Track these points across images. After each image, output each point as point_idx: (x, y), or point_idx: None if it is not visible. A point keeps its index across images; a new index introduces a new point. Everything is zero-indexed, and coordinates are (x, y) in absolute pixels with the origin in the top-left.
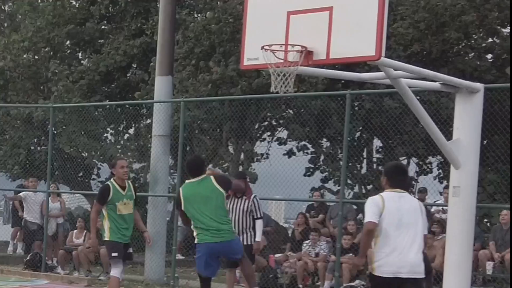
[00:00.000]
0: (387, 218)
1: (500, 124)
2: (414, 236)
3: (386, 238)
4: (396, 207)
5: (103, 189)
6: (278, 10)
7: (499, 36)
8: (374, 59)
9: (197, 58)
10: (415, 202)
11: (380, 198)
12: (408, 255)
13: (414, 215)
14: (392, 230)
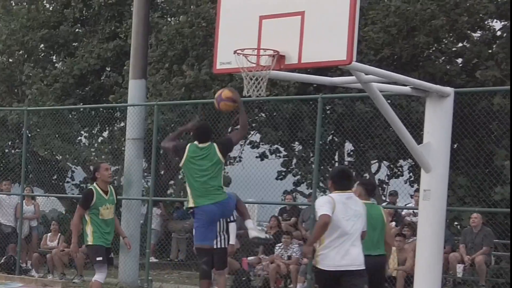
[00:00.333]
0: (334, 217)
1: (470, 128)
2: (357, 234)
3: (331, 237)
4: (344, 207)
5: (87, 193)
6: (251, 14)
7: (469, 41)
8: (345, 64)
9: (170, 62)
10: (360, 203)
11: (330, 198)
12: (349, 251)
13: (359, 214)
14: (338, 230)
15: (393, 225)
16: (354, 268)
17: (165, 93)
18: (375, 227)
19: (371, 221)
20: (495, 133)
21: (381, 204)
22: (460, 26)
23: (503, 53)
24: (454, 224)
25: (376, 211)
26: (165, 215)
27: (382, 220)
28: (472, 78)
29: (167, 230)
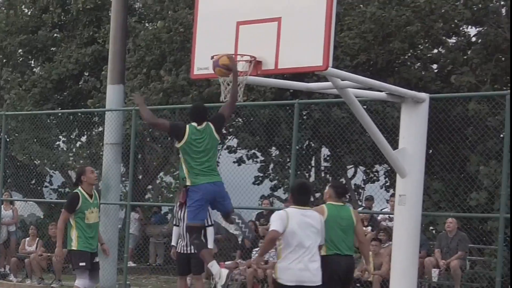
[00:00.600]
0: (290, 231)
1: (445, 134)
2: (313, 248)
3: (289, 249)
4: (299, 222)
5: (72, 197)
6: (228, 20)
7: (444, 47)
8: (321, 69)
9: (148, 67)
10: (317, 218)
11: (285, 213)
12: (308, 266)
13: (315, 229)
14: (294, 243)
15: (369, 230)
16: (312, 284)
17: None
18: (344, 228)
19: (341, 222)
20: (470, 139)
21: (357, 208)
22: (435, 32)
23: (477, 58)
24: (429, 228)
25: (346, 212)
26: (143, 220)
27: (351, 221)
28: (447, 84)
29: (145, 234)
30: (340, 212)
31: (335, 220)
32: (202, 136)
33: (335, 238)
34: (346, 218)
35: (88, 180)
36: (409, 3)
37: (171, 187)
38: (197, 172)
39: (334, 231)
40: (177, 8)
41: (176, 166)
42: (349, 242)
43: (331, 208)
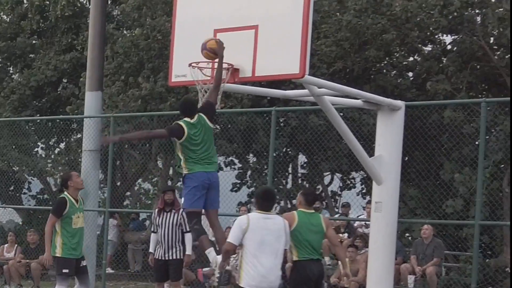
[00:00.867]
0: (251, 237)
1: (421, 141)
2: (275, 253)
3: (251, 253)
4: (261, 227)
5: (60, 201)
6: (205, 27)
7: (420, 54)
8: (298, 77)
9: (126, 74)
10: (280, 222)
11: (246, 218)
12: (269, 271)
13: (278, 234)
14: (256, 247)
15: (346, 237)
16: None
17: (121, 105)
18: (315, 234)
19: (312, 229)
20: (445, 146)
21: (334, 215)
22: (410, 40)
23: (453, 66)
24: (405, 235)
25: (316, 219)
26: (121, 226)
27: (321, 227)
28: (423, 92)
29: (123, 241)
30: (310, 219)
31: (306, 226)
32: (197, 129)
33: (307, 244)
34: (316, 225)
35: (75, 185)
36: (385, 12)
37: (149, 194)
38: (195, 162)
39: (305, 237)
40: (155, 15)
41: (154, 173)
42: (319, 248)
43: (301, 215)
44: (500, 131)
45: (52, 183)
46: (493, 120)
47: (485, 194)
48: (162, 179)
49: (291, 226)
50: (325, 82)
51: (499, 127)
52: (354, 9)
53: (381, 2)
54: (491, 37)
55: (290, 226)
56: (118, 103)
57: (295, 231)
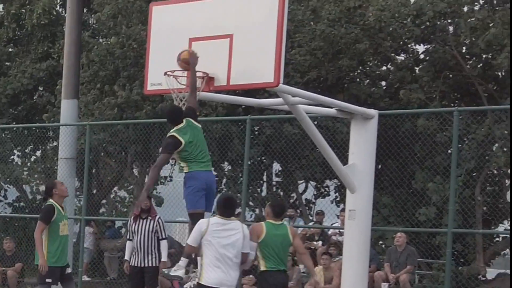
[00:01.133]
0: (210, 240)
1: (394, 149)
2: (233, 256)
3: (210, 256)
4: (220, 231)
5: (48, 208)
6: (180, 36)
7: (393, 63)
8: (272, 86)
9: (102, 82)
10: (239, 227)
11: (206, 222)
12: (228, 272)
13: (235, 238)
14: (215, 250)
15: (320, 244)
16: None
17: (97, 113)
18: (281, 245)
19: (279, 240)
20: (418, 155)
21: (308, 223)
22: (383, 50)
23: (427, 76)
24: (379, 243)
25: (283, 230)
26: (97, 234)
27: (288, 238)
28: (396, 101)
29: (99, 249)
30: (277, 230)
31: (274, 238)
32: (188, 133)
33: (274, 255)
34: (284, 236)
35: (60, 193)
36: (358, 21)
37: (125, 202)
38: (192, 161)
39: (272, 248)
40: (131, 24)
41: (129, 181)
42: (285, 259)
43: (269, 226)
44: (473, 140)
45: (28, 191)
46: (466, 129)
47: (458, 202)
48: (138, 187)
49: (259, 237)
50: (299, 91)
51: (472, 135)
52: (327, 19)
53: (355, 12)
54: (463, 47)
55: (259, 237)
56: (94, 111)
57: (263, 242)
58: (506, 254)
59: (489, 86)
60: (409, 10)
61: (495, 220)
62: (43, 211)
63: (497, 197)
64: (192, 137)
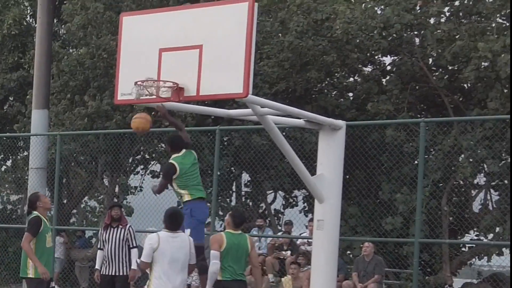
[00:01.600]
0: (160, 253)
1: (361, 160)
2: (181, 268)
3: (160, 269)
4: (169, 245)
5: (36, 220)
6: (151, 47)
7: (360, 75)
8: (241, 97)
9: (72, 92)
10: (186, 240)
11: (156, 237)
12: (175, 283)
13: (185, 251)
14: (165, 263)
15: (289, 254)
16: None
17: (67, 123)
18: (240, 255)
19: (238, 250)
20: (385, 165)
21: (277, 233)
22: (351, 62)
23: (396, 89)
24: (346, 253)
25: (243, 240)
26: (68, 244)
27: (247, 248)
28: (363, 112)
29: (70, 258)
30: (237, 240)
31: (233, 248)
32: (186, 163)
33: (232, 264)
34: (243, 246)
35: (44, 205)
36: (326, 34)
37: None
38: (193, 186)
39: (231, 258)
40: (100, 34)
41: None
42: (243, 269)
43: (229, 236)
44: (439, 151)
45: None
46: (432, 140)
47: (425, 213)
48: (108, 196)
49: (221, 247)
50: (268, 102)
51: (438, 146)
52: (295, 31)
53: (322, 25)
54: (430, 59)
55: (221, 247)
56: (65, 121)
57: (223, 252)
58: (472, 264)
59: (455, 97)
60: (376, 23)
61: (461, 230)
62: (31, 223)
63: (463, 207)
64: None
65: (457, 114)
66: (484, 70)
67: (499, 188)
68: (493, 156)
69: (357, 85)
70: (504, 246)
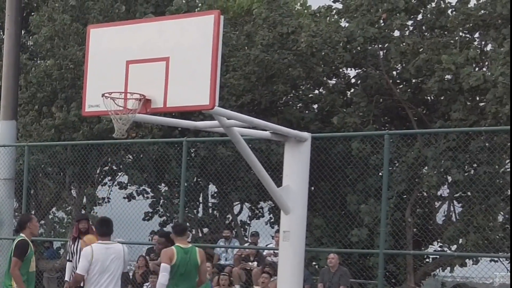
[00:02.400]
0: (95, 265)
1: (326, 171)
2: (116, 278)
3: (95, 280)
4: (103, 255)
5: (24, 244)
6: (118, 59)
7: (325, 88)
8: (208, 108)
9: (40, 103)
10: (120, 249)
11: (90, 250)
12: None
13: (117, 261)
14: (99, 274)
15: (255, 265)
16: None
17: (35, 134)
18: (190, 270)
19: (188, 263)
20: (350, 177)
21: (243, 244)
22: (316, 74)
23: (362, 102)
24: (312, 264)
25: (192, 254)
26: (36, 255)
27: (196, 262)
28: (327, 124)
29: (38, 269)
30: (187, 253)
31: (184, 261)
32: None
33: (181, 278)
34: (193, 259)
35: (33, 228)
36: (291, 47)
37: (63, 222)
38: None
39: (181, 272)
40: (68, 45)
41: (68, 201)
42: (193, 282)
43: (179, 250)
44: (403, 163)
45: None
46: (397, 152)
47: (389, 224)
48: (76, 208)
49: (171, 261)
50: (234, 114)
51: (402, 158)
52: (261, 44)
53: (288, 38)
54: (394, 72)
55: (171, 260)
56: (32, 132)
57: (174, 266)
58: (436, 275)
59: (419, 110)
60: (340, 37)
61: (425, 241)
62: (19, 248)
63: (427, 218)
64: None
65: (420, 126)
66: (447, 83)
67: (462, 199)
68: (457, 167)
69: (322, 98)
70: (467, 257)
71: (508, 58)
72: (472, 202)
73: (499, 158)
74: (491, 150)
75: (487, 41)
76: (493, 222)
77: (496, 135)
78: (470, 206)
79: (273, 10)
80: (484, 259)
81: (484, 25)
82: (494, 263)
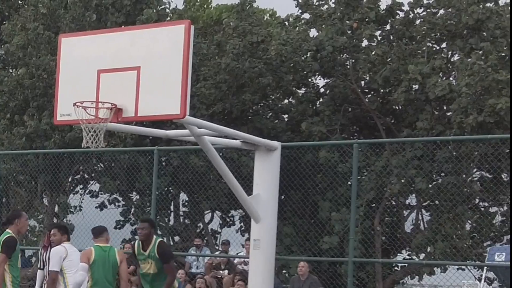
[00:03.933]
0: (69, 262)
1: (296, 180)
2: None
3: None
4: (75, 255)
5: (12, 241)
6: (89, 68)
7: (295, 97)
8: (179, 117)
9: (12, 112)
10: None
11: (64, 249)
12: None
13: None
14: (72, 272)
15: (226, 273)
16: None
17: (6, 143)
18: (109, 269)
19: (107, 263)
20: (319, 185)
21: (214, 252)
22: (285, 84)
23: (328, 111)
24: (282, 272)
25: (111, 254)
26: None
27: (116, 262)
28: (298, 133)
29: None
30: (105, 253)
31: (102, 260)
32: None
33: (102, 277)
34: (112, 259)
35: (20, 226)
36: (261, 56)
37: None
38: None
39: (101, 271)
40: (40, 54)
41: (40, 210)
42: (113, 281)
43: (97, 249)
44: (372, 172)
45: None
46: (365, 161)
47: (359, 232)
48: (48, 216)
49: (90, 259)
50: (204, 123)
51: (371, 167)
52: (232, 53)
53: (258, 47)
54: (362, 81)
55: (89, 259)
56: (4, 141)
57: (93, 265)
58: (405, 283)
59: (387, 119)
60: (309, 45)
61: (394, 250)
62: (6, 243)
63: (396, 227)
64: None
65: (388, 136)
66: (414, 93)
67: (431, 208)
68: (423, 175)
69: (292, 107)
70: (435, 265)
71: (474, 69)
72: (440, 211)
73: (467, 167)
74: (458, 159)
75: (454, 51)
76: (460, 230)
77: (463, 145)
78: (438, 214)
79: (242, 20)
80: (452, 267)
81: (450, 35)
82: (462, 271)
